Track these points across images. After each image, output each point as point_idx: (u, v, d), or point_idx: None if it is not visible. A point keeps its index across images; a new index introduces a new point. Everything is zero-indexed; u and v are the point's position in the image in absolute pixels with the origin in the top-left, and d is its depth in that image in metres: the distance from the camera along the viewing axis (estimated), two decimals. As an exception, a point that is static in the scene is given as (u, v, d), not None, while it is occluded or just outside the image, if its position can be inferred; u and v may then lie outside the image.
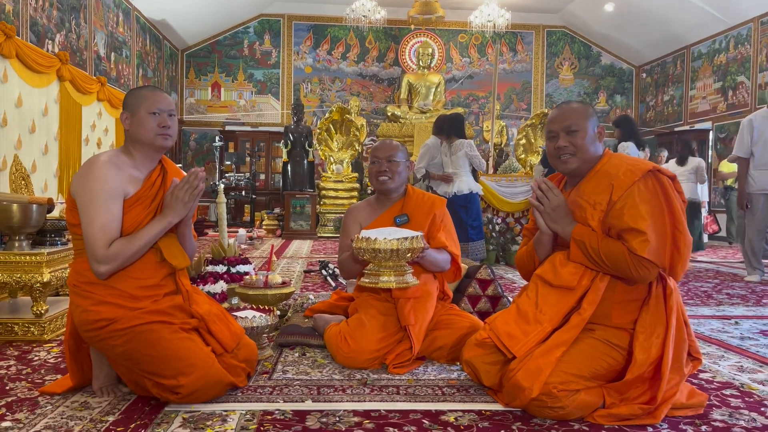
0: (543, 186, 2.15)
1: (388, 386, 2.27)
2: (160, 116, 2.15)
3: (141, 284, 2.10)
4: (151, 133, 2.14)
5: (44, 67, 6.88)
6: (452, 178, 5.95)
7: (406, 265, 2.41)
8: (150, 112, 2.14)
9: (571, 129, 2.15)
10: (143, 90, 2.21)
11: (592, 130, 2.17)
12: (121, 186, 2.07)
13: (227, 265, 3.48)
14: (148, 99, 2.16)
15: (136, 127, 2.14)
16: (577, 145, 2.14)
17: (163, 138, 2.16)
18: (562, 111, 2.22)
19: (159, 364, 1.99)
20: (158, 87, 2.35)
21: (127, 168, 2.12)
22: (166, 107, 2.18)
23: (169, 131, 2.17)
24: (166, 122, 2.16)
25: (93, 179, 2.02)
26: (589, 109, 2.22)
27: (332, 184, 10.74)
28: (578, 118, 2.17)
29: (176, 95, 13.59)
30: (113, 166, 2.08)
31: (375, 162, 2.78)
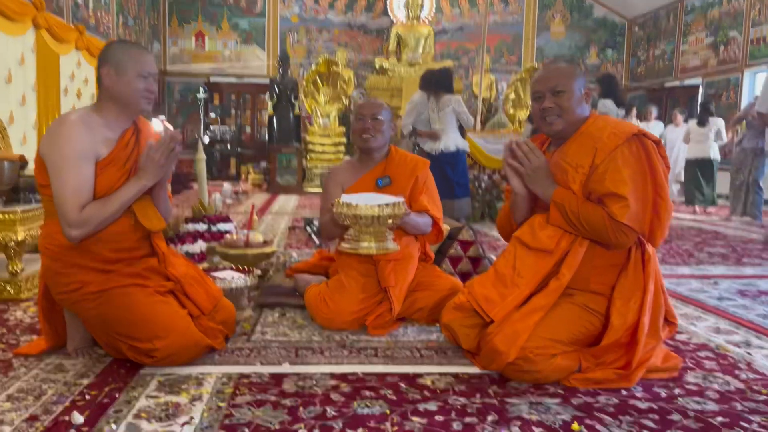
0: (524, 147, 2.11)
1: (367, 348, 2.27)
2: (147, 80, 2.07)
3: (115, 247, 2.06)
4: (137, 95, 2.07)
5: (19, 15, 6.62)
6: (439, 135, 5.87)
7: (387, 230, 2.38)
8: (139, 75, 2.06)
9: (557, 90, 2.10)
10: (131, 49, 2.11)
11: (578, 91, 2.12)
12: (93, 147, 2.00)
13: (207, 223, 3.44)
14: (139, 61, 2.07)
15: (123, 87, 2.05)
16: (563, 107, 2.09)
17: (147, 101, 2.10)
18: (549, 71, 2.16)
19: (133, 327, 1.97)
20: (141, 45, 2.25)
21: (99, 128, 2.05)
22: (153, 71, 2.12)
23: (153, 95, 2.12)
24: (152, 87, 2.10)
25: (63, 140, 1.95)
26: (576, 70, 2.17)
27: (319, 138, 10.60)
28: (565, 79, 2.11)
29: (159, 44, 13.23)
30: (84, 126, 2.00)
31: (359, 119, 2.72)
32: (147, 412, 1.69)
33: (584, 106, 2.14)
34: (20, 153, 6.35)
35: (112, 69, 2.06)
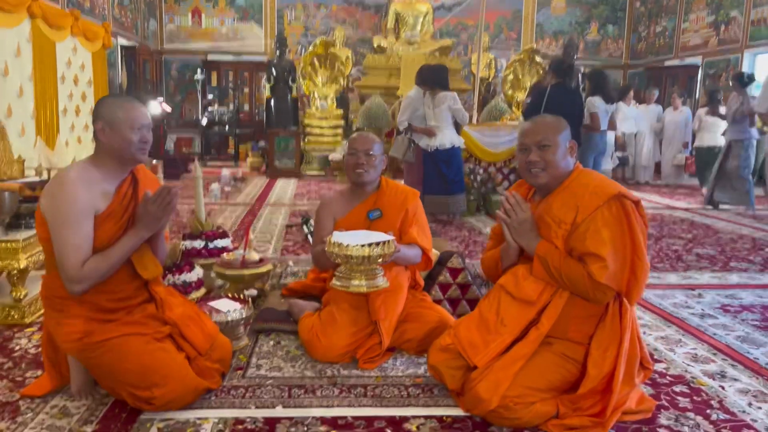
0: (511, 200, 2.18)
1: (357, 386, 2.38)
2: (140, 132, 2.13)
3: (114, 297, 2.15)
4: (132, 147, 2.12)
5: (14, 5, 6.58)
6: (435, 132, 5.91)
7: (377, 268, 2.46)
8: (132, 128, 2.11)
9: (543, 144, 2.16)
10: (124, 104, 2.15)
11: (563, 145, 2.18)
12: (92, 204, 2.07)
13: (205, 240, 3.52)
14: (130, 115, 2.12)
15: (117, 141, 2.11)
16: (548, 161, 2.16)
17: (142, 152, 2.15)
18: (536, 125, 2.22)
19: (133, 375, 2.07)
20: (132, 98, 2.28)
21: (97, 182, 2.11)
22: (146, 122, 2.16)
23: (147, 145, 2.17)
24: (146, 138, 2.15)
25: (63, 200, 2.02)
26: (562, 124, 2.23)
27: (317, 121, 10.60)
28: (550, 133, 2.18)
29: (155, 21, 13.10)
30: (83, 183, 2.07)
31: (352, 153, 2.77)
32: (148, 467, 1.80)
33: (569, 160, 2.20)
34: (18, 145, 6.37)
35: (106, 125, 2.11)
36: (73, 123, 8.52)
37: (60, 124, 7.98)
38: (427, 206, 6.01)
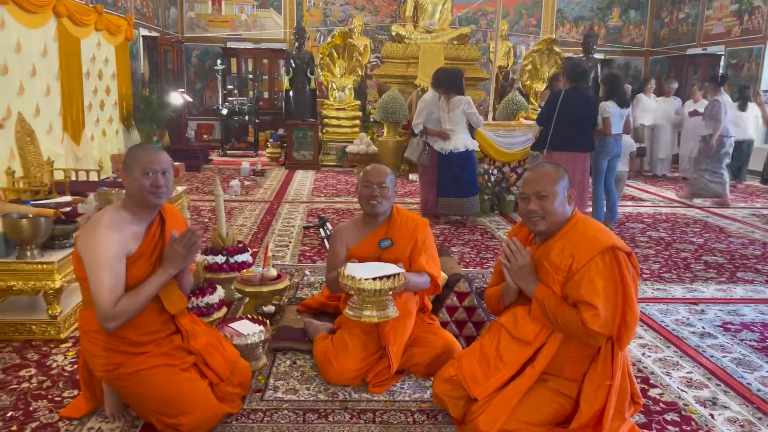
0: (512, 246, 2.32)
1: (366, 411, 2.56)
2: (153, 176, 2.29)
3: (143, 331, 2.34)
4: (144, 191, 2.28)
5: (39, 6, 6.76)
6: (449, 135, 6.02)
7: (388, 299, 2.63)
8: (143, 173, 2.28)
9: (542, 194, 2.30)
10: (138, 151, 2.32)
11: (562, 194, 2.31)
12: (124, 247, 2.25)
13: (226, 255, 3.70)
14: (142, 160, 2.28)
15: (132, 185, 2.29)
16: (546, 209, 2.29)
17: (155, 196, 2.31)
18: (535, 175, 2.35)
19: (162, 404, 2.27)
20: (153, 146, 2.43)
21: (128, 225, 2.29)
22: (159, 167, 2.31)
23: (161, 189, 2.31)
24: (159, 182, 2.30)
25: (97, 245, 2.20)
26: (560, 174, 2.35)
27: (334, 112, 10.71)
28: (549, 184, 2.30)
29: (176, 9, 13.23)
30: (115, 228, 2.24)
31: (366, 186, 2.91)
32: (176, 494, 2.01)
33: (567, 208, 2.33)
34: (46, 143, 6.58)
35: (126, 171, 2.30)
36: (98, 117, 8.74)
37: (85, 119, 8.21)
38: (441, 208, 6.20)
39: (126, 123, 9.80)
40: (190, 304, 3.00)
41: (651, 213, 7.21)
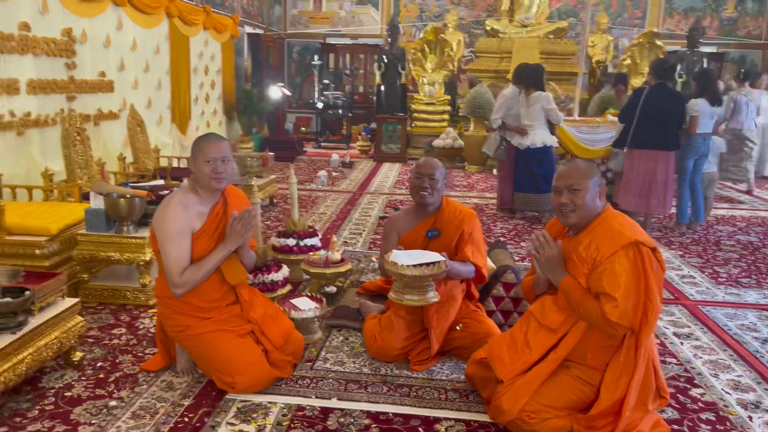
0: (541, 238, 2.44)
1: (403, 386, 2.76)
2: (213, 163, 2.60)
3: (207, 298, 2.67)
4: (206, 177, 2.61)
5: (153, 8, 7.45)
6: (527, 131, 6.05)
7: (429, 285, 2.81)
8: (205, 161, 2.60)
9: (574, 188, 2.39)
10: (202, 141, 2.65)
11: (593, 189, 2.39)
12: (189, 223, 2.59)
13: (297, 238, 4.02)
14: (204, 149, 2.61)
15: (197, 171, 2.62)
16: (577, 203, 2.39)
17: (216, 181, 2.62)
18: (569, 170, 2.45)
19: (220, 364, 2.60)
20: (216, 135, 2.74)
21: (194, 205, 2.63)
22: (218, 155, 2.61)
23: (221, 175, 2.62)
24: (218, 168, 2.60)
25: (166, 221, 2.56)
26: (593, 169, 2.43)
27: (423, 106, 10.90)
28: (581, 178, 2.39)
29: (280, 7, 13.91)
30: (182, 206, 2.59)
31: (418, 177, 3.09)
32: (224, 439, 2.31)
33: (598, 203, 2.41)
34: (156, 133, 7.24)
35: (192, 158, 2.63)
36: (203, 109, 9.46)
37: (192, 111, 8.92)
38: (517, 203, 6.26)
39: (228, 115, 10.51)
40: (257, 280, 3.33)
41: (746, 216, 6.85)
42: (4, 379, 2.31)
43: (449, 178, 8.94)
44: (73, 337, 2.76)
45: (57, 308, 2.70)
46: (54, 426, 2.36)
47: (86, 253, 3.54)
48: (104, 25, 6.48)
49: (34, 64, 5.38)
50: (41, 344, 2.55)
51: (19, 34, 5.15)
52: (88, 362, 2.89)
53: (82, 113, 6.08)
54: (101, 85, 6.47)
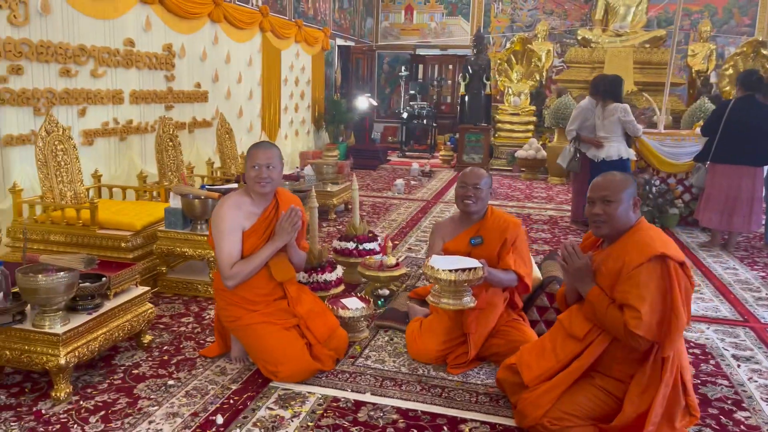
0: (569, 249, 2.47)
1: (436, 386, 2.87)
2: (258, 169, 2.83)
3: (257, 292, 2.91)
4: (251, 181, 2.86)
5: (248, 24, 7.97)
6: (602, 143, 5.94)
7: (465, 290, 2.90)
8: (251, 166, 2.84)
9: (607, 199, 2.41)
10: (252, 148, 2.90)
11: (627, 201, 2.40)
12: (240, 222, 2.84)
13: (356, 242, 4.22)
14: (252, 156, 2.85)
15: (246, 176, 2.87)
16: (609, 214, 2.41)
17: (259, 185, 2.86)
18: (604, 181, 2.47)
19: (265, 354, 2.82)
20: (265, 143, 2.97)
21: (246, 206, 2.88)
22: (263, 161, 2.84)
23: (264, 180, 2.84)
24: (262, 174, 2.83)
25: (219, 219, 2.82)
26: (628, 182, 2.44)
27: (508, 117, 10.86)
28: (615, 190, 2.41)
29: (372, 20, 14.32)
30: (235, 207, 2.85)
31: (462, 186, 3.20)
32: (261, 422, 2.52)
33: (631, 215, 2.41)
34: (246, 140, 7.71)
35: (245, 163, 2.86)
36: (292, 118, 9.95)
37: (281, 120, 9.41)
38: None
39: (317, 124, 10.97)
40: (311, 279, 3.54)
41: None
42: (78, 353, 2.65)
43: (530, 189, 8.87)
44: (143, 322, 3.09)
45: (130, 295, 3.03)
46: (118, 398, 2.67)
47: (164, 248, 3.91)
48: (201, 40, 7.03)
49: (137, 76, 5.95)
50: (113, 325, 2.88)
51: (124, 50, 5.72)
52: (156, 345, 3.21)
53: (177, 121, 6.64)
54: (196, 96, 7.02)
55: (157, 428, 2.45)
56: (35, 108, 4.72)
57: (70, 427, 2.44)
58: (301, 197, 5.23)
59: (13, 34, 4.51)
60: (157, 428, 2.45)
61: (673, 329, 2.22)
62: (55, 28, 4.91)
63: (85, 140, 5.31)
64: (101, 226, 3.95)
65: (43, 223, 4.01)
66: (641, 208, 6.30)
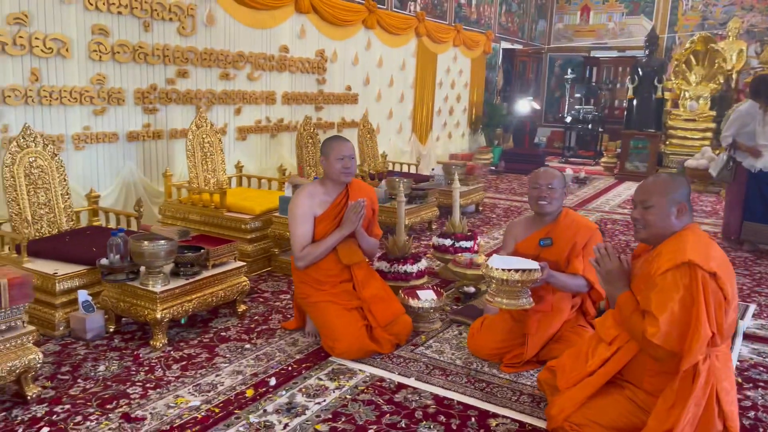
0: (602, 251, 2.38)
1: (482, 381, 2.89)
2: (344, 160, 3.09)
3: (325, 273, 3.18)
4: (337, 172, 3.12)
5: (402, 30, 8.35)
6: (761, 152, 5.32)
7: (521, 290, 2.88)
8: (337, 158, 3.10)
9: (646, 204, 2.29)
10: (333, 141, 3.17)
11: (668, 207, 2.26)
12: (312, 210, 3.13)
13: (453, 240, 4.31)
14: (335, 148, 3.11)
15: (329, 168, 3.14)
16: (647, 220, 2.29)
17: (345, 175, 3.13)
18: (646, 184, 2.35)
19: (326, 329, 3.08)
20: (343, 138, 3.23)
21: (318, 195, 3.17)
22: (348, 153, 3.11)
23: (349, 170, 3.12)
24: (347, 164, 3.11)
25: (294, 206, 3.14)
26: (672, 187, 2.28)
27: (682, 123, 9.99)
28: (655, 195, 2.28)
29: (545, 23, 14.00)
30: (309, 196, 3.15)
31: (535, 187, 3.16)
32: (306, 388, 2.77)
33: (673, 222, 2.25)
34: (396, 141, 8.06)
35: (323, 157, 3.14)
36: (446, 121, 10.16)
37: (434, 122, 9.67)
38: (745, 233, 5.53)
39: (473, 127, 11.06)
40: (392, 269, 3.73)
41: None
42: (172, 311, 3.13)
43: (694, 202, 8.12)
44: (236, 292, 3.52)
45: (226, 267, 3.48)
46: (201, 353, 3.10)
47: (277, 232, 4.36)
48: (354, 45, 7.55)
49: (289, 79, 6.60)
50: (208, 292, 3.34)
51: (279, 55, 6.38)
52: (249, 315, 3.64)
53: (326, 121, 7.21)
54: (346, 98, 7.54)
55: (221, 380, 2.82)
56: (197, 107, 5.49)
57: (155, 369, 2.91)
58: (421, 194, 5.44)
59: (181, 43, 5.31)
60: (221, 380, 2.82)
61: (693, 342, 2.05)
62: (218, 37, 5.67)
63: (239, 136, 6.03)
64: (228, 209, 4.51)
65: (185, 204, 4.69)
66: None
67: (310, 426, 2.48)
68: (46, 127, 4.39)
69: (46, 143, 3.82)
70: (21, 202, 3.65)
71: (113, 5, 4.68)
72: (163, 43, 5.12)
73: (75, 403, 2.59)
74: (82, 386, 2.74)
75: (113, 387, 2.74)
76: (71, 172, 4.55)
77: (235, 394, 2.70)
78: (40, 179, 3.76)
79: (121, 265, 3.15)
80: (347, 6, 7.24)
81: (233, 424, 2.47)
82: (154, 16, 5.01)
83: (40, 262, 3.39)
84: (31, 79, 4.25)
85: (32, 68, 4.25)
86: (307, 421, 2.51)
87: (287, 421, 2.50)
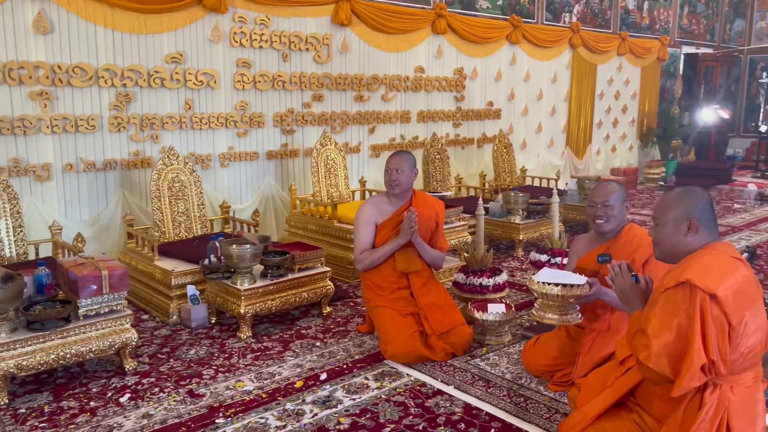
0: (616, 269, 2.26)
1: (521, 396, 2.84)
2: (389, 173, 3.30)
3: (384, 279, 3.36)
4: (386, 184, 3.33)
5: (553, 42, 8.16)
6: None
7: (566, 306, 2.79)
8: (385, 171, 3.31)
9: (656, 222, 2.16)
10: (389, 156, 3.35)
11: (675, 223, 2.08)
12: (373, 217, 3.35)
13: (549, 255, 4.20)
14: (387, 163, 3.33)
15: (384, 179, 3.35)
16: (655, 237, 2.16)
17: (390, 187, 3.33)
18: (659, 200, 2.20)
19: (381, 332, 3.25)
20: (398, 152, 3.29)
21: (381, 205, 3.38)
22: (393, 167, 3.31)
23: (394, 182, 3.32)
24: (392, 176, 3.31)
25: (358, 213, 3.38)
26: (679, 201, 2.10)
27: None
28: (662, 210, 2.14)
29: (743, 21, 12.54)
30: (372, 205, 3.37)
31: (591, 206, 3.01)
32: (350, 385, 2.97)
33: (685, 239, 2.06)
34: (546, 155, 7.95)
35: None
36: (608, 133, 9.62)
37: (593, 135, 9.23)
38: None
39: (644, 140, 10.29)
40: (468, 281, 3.77)
41: None
42: (255, 307, 3.54)
43: None
44: (320, 295, 3.84)
45: (311, 272, 3.82)
46: (275, 347, 3.46)
47: (377, 242, 4.63)
48: (496, 61, 7.59)
49: (424, 98, 6.87)
50: (291, 293, 3.70)
51: (414, 76, 6.69)
52: (333, 317, 3.94)
53: (465, 137, 7.35)
54: (488, 113, 7.60)
55: (280, 371, 3.15)
56: (332, 127, 6.01)
57: (232, 357, 3.33)
58: (540, 210, 5.37)
59: (317, 70, 5.86)
60: (280, 371, 3.15)
61: (683, 369, 1.86)
62: (352, 63, 6.14)
63: (373, 153, 6.44)
64: (339, 220, 4.89)
65: (305, 215, 5.17)
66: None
67: (335, 418, 2.68)
68: (197, 148, 5.19)
69: (186, 161, 4.54)
70: (164, 210, 4.38)
71: (255, 41, 5.37)
72: (300, 71, 5.72)
73: (159, 378, 3.09)
74: (170, 365, 3.25)
75: (193, 368, 3.20)
76: (217, 186, 5.31)
77: (285, 384, 3.00)
78: (180, 192, 4.48)
79: (218, 265, 3.65)
80: (488, 23, 7.32)
81: (272, 408, 2.77)
82: (291, 47, 5.62)
83: (167, 261, 4.04)
84: (185, 107, 5.06)
85: (186, 98, 5.06)
86: (335, 414, 2.71)
87: (318, 411, 2.73)
